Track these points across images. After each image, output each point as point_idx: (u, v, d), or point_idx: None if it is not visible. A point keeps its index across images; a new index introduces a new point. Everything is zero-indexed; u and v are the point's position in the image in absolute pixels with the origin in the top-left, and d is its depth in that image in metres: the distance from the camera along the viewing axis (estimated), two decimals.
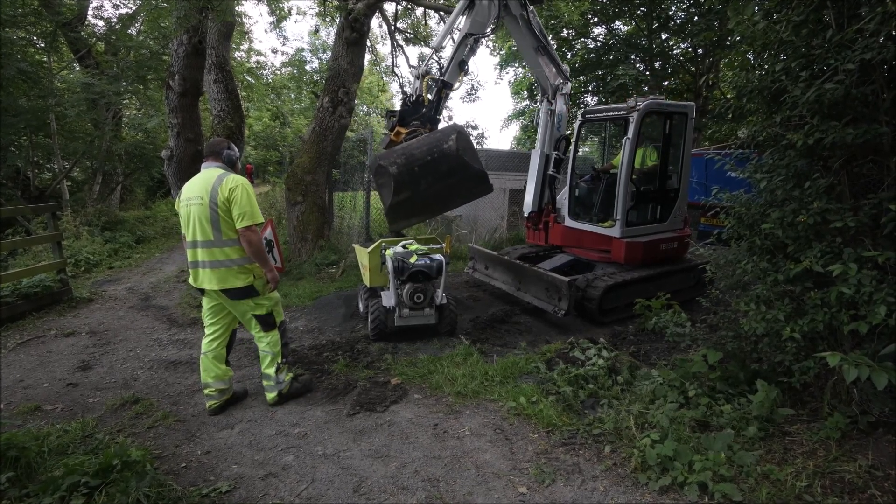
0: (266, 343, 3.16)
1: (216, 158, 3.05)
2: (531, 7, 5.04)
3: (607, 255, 5.34)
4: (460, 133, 3.92)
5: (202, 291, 3.07)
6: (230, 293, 2.98)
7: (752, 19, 2.96)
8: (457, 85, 4.55)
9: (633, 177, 5.41)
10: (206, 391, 3.14)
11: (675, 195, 5.49)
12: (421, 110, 4.21)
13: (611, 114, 5.40)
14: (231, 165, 3.10)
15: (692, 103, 5.44)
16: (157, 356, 4.11)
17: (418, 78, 4.32)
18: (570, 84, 5.47)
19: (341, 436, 2.90)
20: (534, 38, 5.17)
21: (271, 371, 3.19)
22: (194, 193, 2.93)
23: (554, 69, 5.38)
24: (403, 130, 4.15)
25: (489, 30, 4.66)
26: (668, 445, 2.45)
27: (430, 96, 4.34)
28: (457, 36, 4.63)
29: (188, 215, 2.96)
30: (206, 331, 3.17)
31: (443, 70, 4.41)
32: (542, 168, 5.67)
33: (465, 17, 4.60)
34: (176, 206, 3.17)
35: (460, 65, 4.48)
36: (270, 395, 3.24)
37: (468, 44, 4.52)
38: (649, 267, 5.25)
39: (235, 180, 2.91)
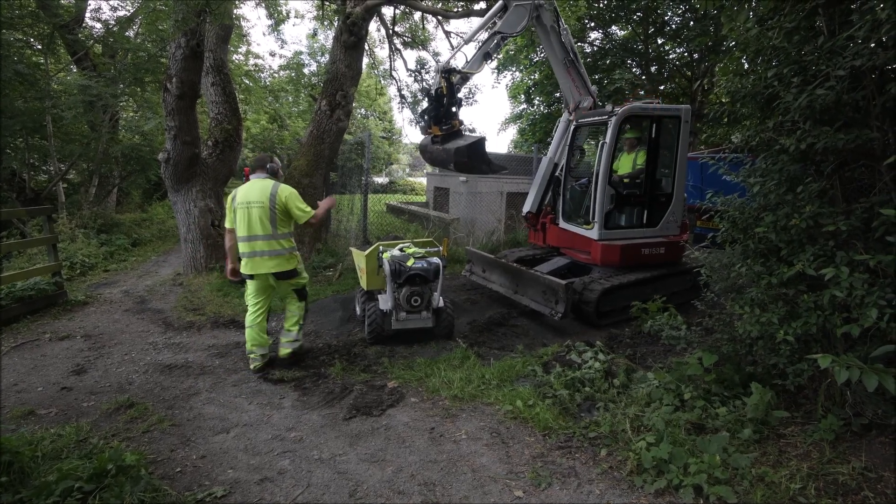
0: (296, 307, 3.98)
1: (262, 170, 3.80)
2: (564, 24, 5.25)
3: (590, 256, 5.40)
4: (455, 163, 4.42)
5: (251, 277, 3.76)
6: (282, 275, 3.79)
7: (745, 25, 3.00)
8: (478, 70, 4.86)
9: (625, 180, 5.45)
10: (251, 356, 3.83)
11: (668, 200, 5.46)
12: (443, 102, 4.55)
13: (598, 118, 5.43)
14: (274, 174, 3.84)
15: (687, 106, 5.41)
16: (153, 360, 4.09)
17: (439, 73, 4.58)
18: (590, 100, 5.52)
19: (337, 440, 2.89)
20: (562, 52, 5.29)
21: (295, 329, 3.95)
22: (254, 198, 3.65)
23: (579, 84, 5.49)
24: (437, 131, 4.55)
25: (517, 31, 4.97)
26: (663, 448, 2.46)
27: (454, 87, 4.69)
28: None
29: (248, 215, 3.65)
30: (251, 309, 3.86)
31: (468, 60, 4.71)
32: (549, 173, 5.84)
33: (497, 18, 4.88)
34: (227, 206, 3.79)
35: (485, 56, 4.79)
36: (284, 351, 3.93)
37: (495, 40, 4.81)
38: (646, 270, 5.27)
39: (287, 189, 3.75)
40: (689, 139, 5.68)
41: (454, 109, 4.53)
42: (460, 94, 4.69)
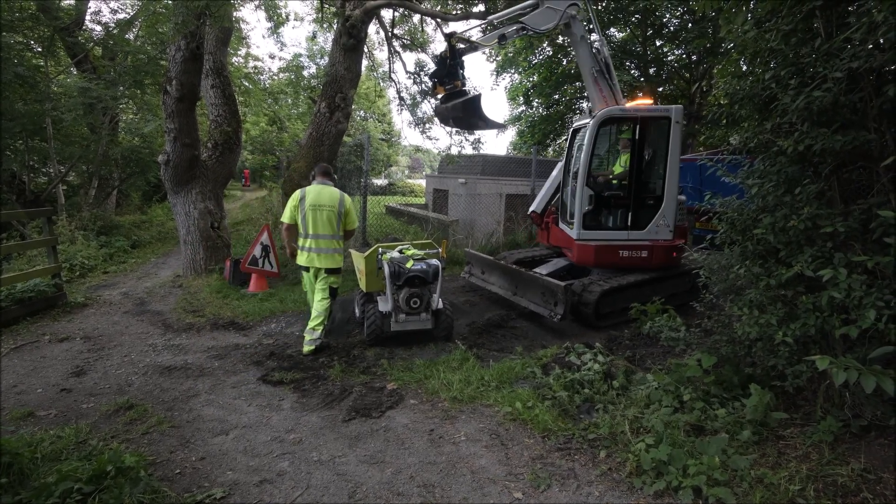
0: (323, 308, 4.23)
1: (328, 178, 4.37)
2: (600, 35, 5.42)
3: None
4: (452, 118, 4.95)
5: (306, 268, 4.32)
6: (332, 271, 4.28)
7: (743, 27, 3.01)
8: (489, 44, 5.08)
9: (612, 182, 5.51)
10: (318, 328, 4.23)
11: (657, 203, 5.27)
12: (446, 64, 4.77)
13: (586, 121, 5.40)
14: (334, 182, 4.48)
15: (678, 106, 5.25)
16: (152, 361, 4.09)
17: (445, 37, 4.81)
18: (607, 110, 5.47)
19: (336, 441, 2.89)
20: (591, 61, 5.30)
21: (320, 329, 4.21)
22: (325, 202, 4.21)
23: (607, 95, 5.38)
24: (442, 91, 4.87)
25: (541, 30, 5.09)
26: (662, 450, 2.46)
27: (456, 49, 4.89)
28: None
29: (317, 216, 4.17)
30: (315, 290, 4.32)
31: (483, 34, 4.93)
32: (560, 177, 5.94)
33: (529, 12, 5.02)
34: (294, 203, 4.20)
35: (500, 37, 4.93)
36: (308, 348, 4.17)
37: (516, 26, 4.93)
38: (645, 272, 5.27)
39: (348, 198, 4.39)
40: (688, 141, 5.67)
41: (458, 71, 4.75)
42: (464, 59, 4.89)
